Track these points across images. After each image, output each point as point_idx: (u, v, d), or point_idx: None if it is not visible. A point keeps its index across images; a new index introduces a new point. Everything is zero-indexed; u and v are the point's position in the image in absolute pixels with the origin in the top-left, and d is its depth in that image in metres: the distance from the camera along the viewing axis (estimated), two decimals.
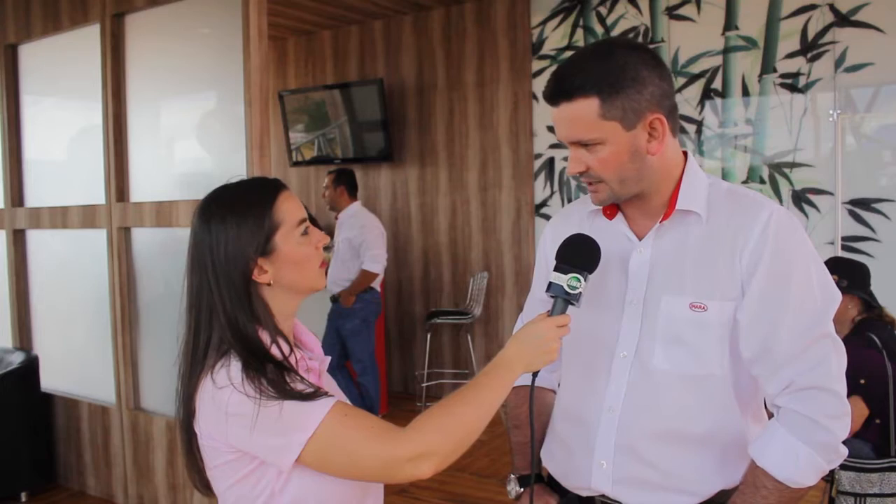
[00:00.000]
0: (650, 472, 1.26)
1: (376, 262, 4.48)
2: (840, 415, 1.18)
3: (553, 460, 1.43)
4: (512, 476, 1.50)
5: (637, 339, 1.27)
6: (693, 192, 1.26)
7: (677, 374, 1.24)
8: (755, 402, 1.31)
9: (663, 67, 1.23)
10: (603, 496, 1.31)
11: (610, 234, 1.32)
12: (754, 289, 1.20)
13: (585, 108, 1.19)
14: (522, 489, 1.48)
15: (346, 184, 4.63)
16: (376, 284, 4.60)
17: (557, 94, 1.21)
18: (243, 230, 1.15)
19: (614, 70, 1.18)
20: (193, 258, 1.18)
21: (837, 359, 1.20)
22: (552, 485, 1.44)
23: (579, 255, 1.23)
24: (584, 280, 1.20)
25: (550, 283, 1.22)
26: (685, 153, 1.31)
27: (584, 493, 1.34)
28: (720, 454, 1.26)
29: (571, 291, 1.20)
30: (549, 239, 1.46)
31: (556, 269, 1.22)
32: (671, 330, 1.24)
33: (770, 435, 1.20)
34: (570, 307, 1.22)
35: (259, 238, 1.15)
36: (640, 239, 1.30)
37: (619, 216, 1.33)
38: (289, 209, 1.19)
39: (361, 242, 4.47)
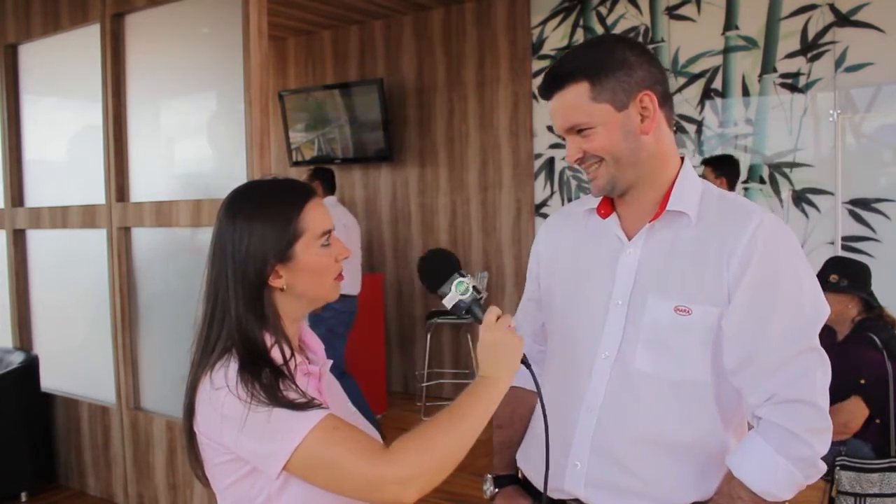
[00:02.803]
0: (625, 477, 1.24)
1: None
2: (821, 429, 1.17)
3: (529, 461, 1.42)
4: (488, 476, 1.50)
5: (620, 341, 1.26)
6: (685, 194, 1.26)
7: (659, 377, 1.23)
8: (738, 416, 1.28)
9: (653, 57, 1.26)
10: (576, 500, 1.30)
11: (602, 233, 1.32)
12: (740, 297, 1.18)
13: (577, 93, 1.22)
14: (497, 489, 1.47)
15: (321, 178, 4.57)
16: (351, 290, 4.36)
17: (550, 85, 1.25)
18: (267, 233, 1.15)
19: (602, 55, 1.22)
20: (215, 250, 1.18)
21: (822, 373, 1.18)
22: (527, 487, 1.44)
23: (441, 266, 1.23)
24: (465, 276, 1.21)
25: (454, 305, 1.21)
26: (682, 158, 1.32)
27: (557, 496, 1.32)
28: (699, 465, 1.24)
29: (468, 296, 1.20)
30: (542, 240, 1.47)
31: (440, 294, 1.22)
32: (655, 333, 1.23)
33: (749, 446, 1.19)
34: (481, 300, 1.21)
35: (281, 243, 1.15)
36: (629, 240, 1.30)
37: (613, 216, 1.33)
38: (315, 218, 1.18)
39: None
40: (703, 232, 1.24)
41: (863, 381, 2.57)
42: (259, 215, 1.16)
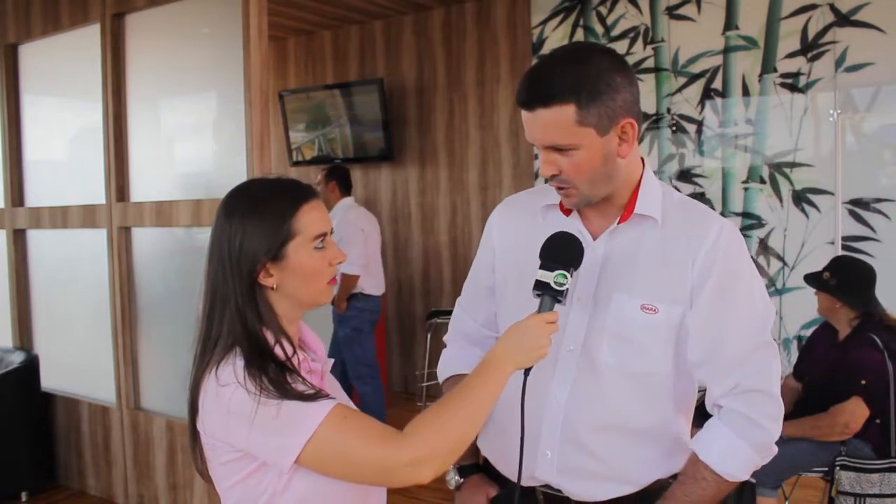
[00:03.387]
0: (593, 462, 1.31)
1: (350, 263, 4.12)
2: (777, 416, 1.28)
3: (491, 448, 1.46)
4: (452, 465, 1.51)
5: (584, 335, 1.30)
6: (650, 197, 1.31)
7: (623, 370, 1.29)
8: (688, 402, 1.39)
9: (632, 73, 1.27)
10: (545, 486, 1.36)
11: (563, 229, 1.32)
12: (704, 298, 1.26)
13: (562, 115, 1.18)
14: (462, 479, 1.50)
15: (337, 179, 4.47)
16: (374, 290, 4.38)
17: (534, 99, 1.20)
18: (260, 231, 1.15)
19: (591, 76, 1.18)
20: (212, 246, 1.19)
21: (776, 364, 1.30)
22: (490, 473, 1.47)
23: (566, 252, 1.23)
24: (571, 277, 1.21)
25: (537, 281, 1.21)
26: (643, 160, 1.35)
27: (527, 483, 1.36)
28: (660, 447, 1.34)
29: (558, 288, 1.20)
30: (496, 232, 1.47)
31: (541, 267, 1.22)
32: (620, 328, 1.28)
33: (713, 432, 1.29)
34: (557, 300, 1.21)
35: (272, 243, 1.15)
36: (594, 238, 1.32)
37: (575, 214, 1.34)
38: (310, 221, 1.18)
39: (339, 240, 4.13)
40: (668, 234, 1.29)
41: (863, 382, 2.57)
42: (254, 213, 1.16)
